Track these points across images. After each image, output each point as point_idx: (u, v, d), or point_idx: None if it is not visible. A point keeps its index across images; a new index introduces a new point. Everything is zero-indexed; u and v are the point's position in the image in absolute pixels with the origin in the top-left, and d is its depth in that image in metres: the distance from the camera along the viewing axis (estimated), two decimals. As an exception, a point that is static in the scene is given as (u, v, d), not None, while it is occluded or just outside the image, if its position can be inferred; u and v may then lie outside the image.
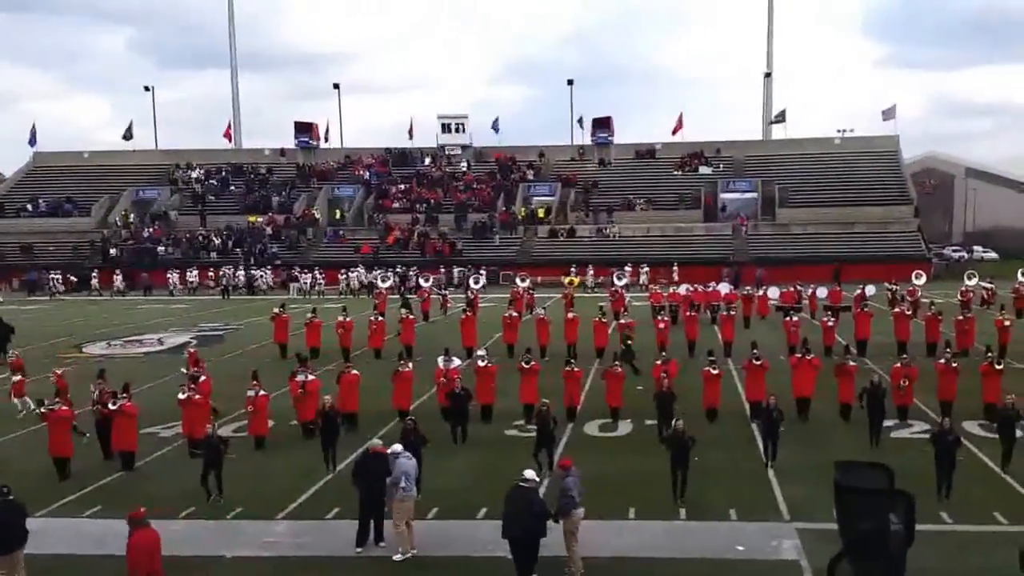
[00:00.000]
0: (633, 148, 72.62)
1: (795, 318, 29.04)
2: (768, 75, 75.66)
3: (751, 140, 73.87)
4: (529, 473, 12.07)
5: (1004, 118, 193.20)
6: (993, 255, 70.71)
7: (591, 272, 54.60)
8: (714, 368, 20.18)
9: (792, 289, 37.69)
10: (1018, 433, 16.05)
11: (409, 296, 42.49)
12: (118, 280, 57.53)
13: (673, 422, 15.52)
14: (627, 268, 50.42)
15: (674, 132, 71.71)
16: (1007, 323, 27.75)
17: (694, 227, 62.73)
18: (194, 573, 12.54)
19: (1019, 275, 40.10)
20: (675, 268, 51.51)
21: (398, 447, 13.57)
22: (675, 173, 68.89)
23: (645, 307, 37.28)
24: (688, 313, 31.44)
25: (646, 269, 53.42)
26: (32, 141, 76.90)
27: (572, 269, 53.94)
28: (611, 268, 50.38)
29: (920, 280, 40.12)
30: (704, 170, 68.29)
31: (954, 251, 72.11)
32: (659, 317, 30.90)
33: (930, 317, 28.30)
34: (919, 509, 10.03)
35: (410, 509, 13.11)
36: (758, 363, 20.21)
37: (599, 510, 13.70)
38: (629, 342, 26.06)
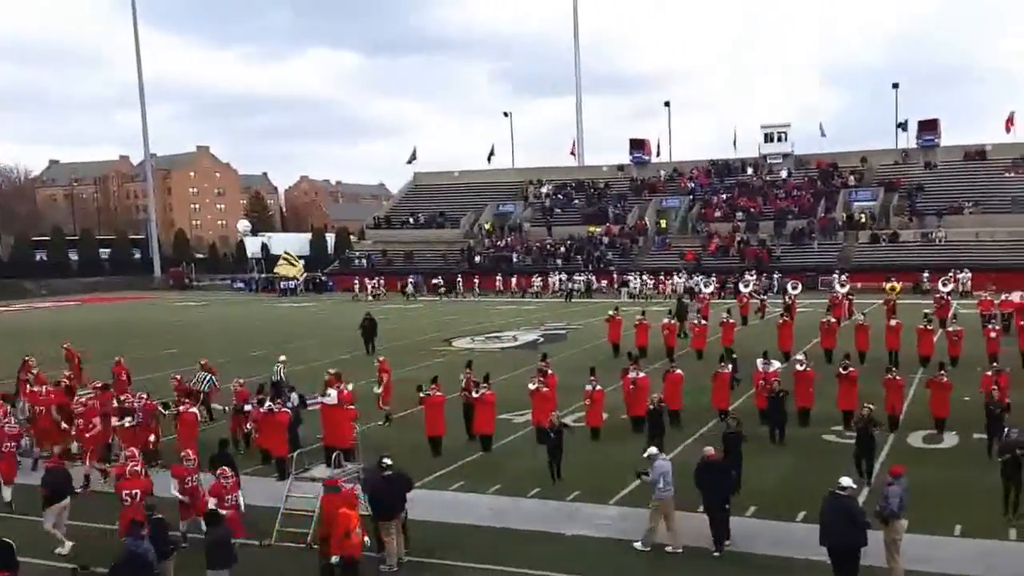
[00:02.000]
0: (962, 150, 64.68)
1: None
2: None
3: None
4: (846, 481, 11.24)
5: None
6: None
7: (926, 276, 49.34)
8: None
9: None
10: None
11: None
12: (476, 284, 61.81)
13: (1006, 432, 13.67)
14: (953, 274, 44.97)
15: (1007, 129, 62.65)
16: None
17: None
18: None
19: None
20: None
21: (653, 450, 13.39)
22: (1007, 175, 60.12)
23: (973, 315, 33.05)
24: (1022, 323, 27.34)
25: (968, 275, 47.27)
26: (411, 160, 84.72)
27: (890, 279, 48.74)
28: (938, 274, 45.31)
29: None
30: (1041, 171, 58.88)
31: None
32: (989, 326, 27.19)
33: None
34: None
35: (667, 507, 12.77)
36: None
37: (922, 523, 12.56)
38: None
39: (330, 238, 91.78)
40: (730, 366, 21.22)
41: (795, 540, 12.87)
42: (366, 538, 11.53)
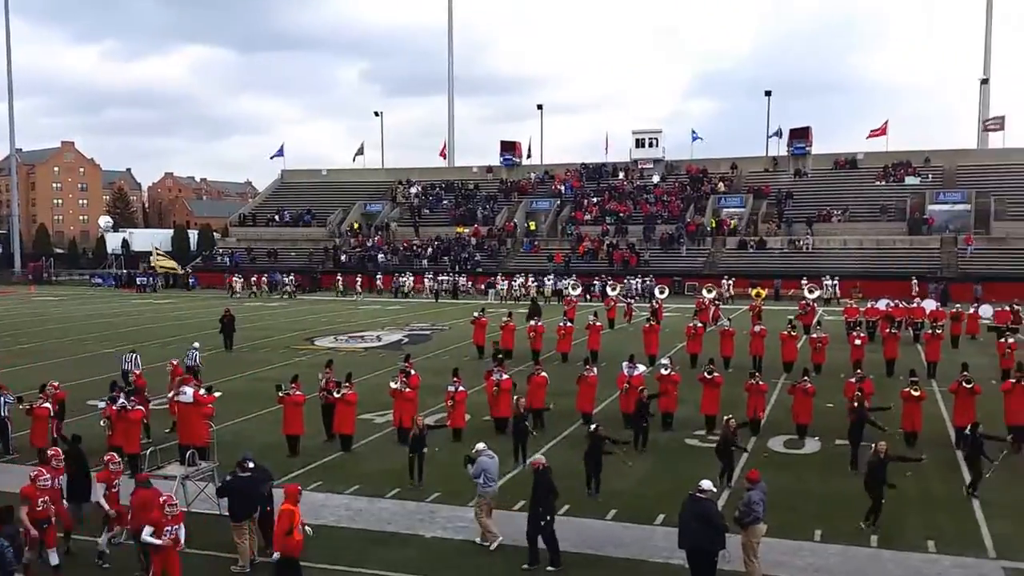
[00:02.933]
0: (832, 158, 68.64)
1: (1011, 340, 25.98)
2: (985, 81, 69.08)
3: (964, 149, 67.65)
4: (705, 484, 11.27)
5: None
6: None
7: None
8: (915, 389, 18.27)
9: (1008, 308, 33.85)
10: None
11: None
12: (339, 282, 61.19)
13: (873, 445, 14.11)
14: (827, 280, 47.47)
15: (877, 134, 66.87)
16: None
17: (896, 240, 58.20)
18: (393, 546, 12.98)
19: None
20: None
21: (481, 445, 13.52)
22: (878, 183, 64.28)
23: (839, 322, 34.86)
24: (888, 330, 28.92)
25: (834, 282, 50.08)
26: (277, 155, 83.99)
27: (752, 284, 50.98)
28: (800, 281, 47.75)
29: None
30: (910, 180, 63.26)
31: None
32: (854, 333, 28.62)
33: None
34: None
35: (484, 505, 13.02)
36: (968, 386, 18.11)
37: (781, 528, 12.79)
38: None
39: (193, 235, 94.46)
40: (595, 369, 21.26)
41: (654, 543, 12.94)
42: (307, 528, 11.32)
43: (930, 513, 14.23)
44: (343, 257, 68.16)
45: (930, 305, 35.28)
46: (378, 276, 62.70)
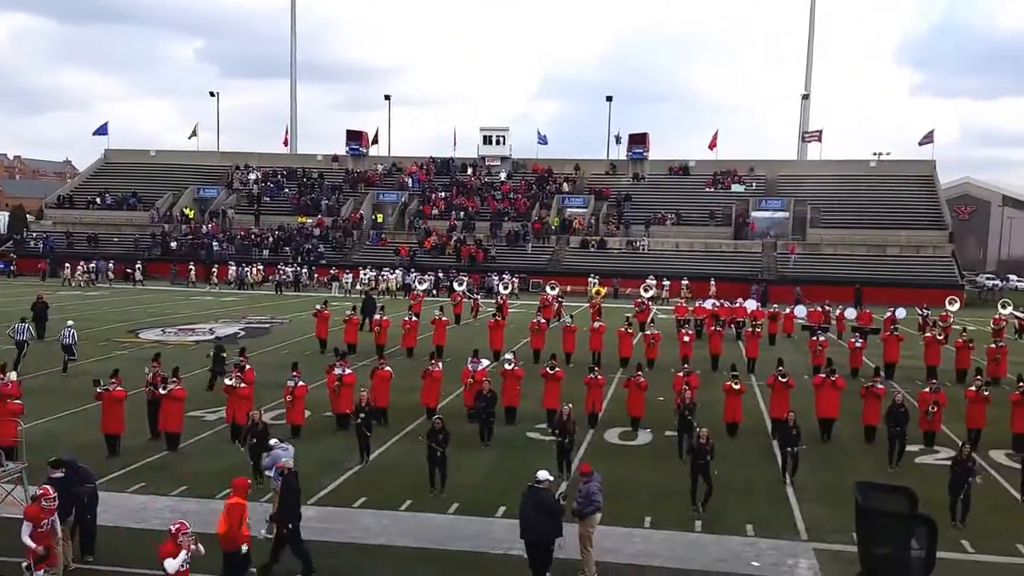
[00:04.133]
0: (667, 164, 71.90)
1: (822, 338, 28.21)
2: (806, 97, 74.38)
3: (784, 160, 72.59)
4: (542, 474, 11.66)
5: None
6: None
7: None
8: (736, 383, 19.55)
9: (820, 309, 36.72)
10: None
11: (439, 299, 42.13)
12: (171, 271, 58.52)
13: (696, 430, 15.03)
14: (652, 280, 49.60)
15: (711, 147, 70.83)
16: (1038, 353, 26.53)
17: (723, 243, 61.84)
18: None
19: None
20: (712, 283, 50.58)
21: (274, 440, 13.54)
22: (707, 190, 67.96)
23: (670, 320, 36.65)
24: (713, 328, 30.73)
25: (667, 283, 52.69)
26: (100, 132, 78.61)
27: (593, 280, 52.78)
28: (639, 280, 49.82)
29: (954, 306, 39.03)
30: (736, 188, 67.25)
31: (988, 279, 69.86)
32: (684, 330, 30.22)
33: (961, 344, 27.14)
34: (940, 536, 9.42)
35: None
36: (783, 380, 19.55)
37: (614, 516, 13.36)
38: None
39: (2, 216, 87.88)
40: (440, 364, 21.38)
41: (494, 535, 13.22)
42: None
43: (749, 499, 15.27)
44: (173, 244, 64.88)
45: (751, 305, 37.71)
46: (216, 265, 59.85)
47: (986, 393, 18.88)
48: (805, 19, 74.03)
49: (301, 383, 18.78)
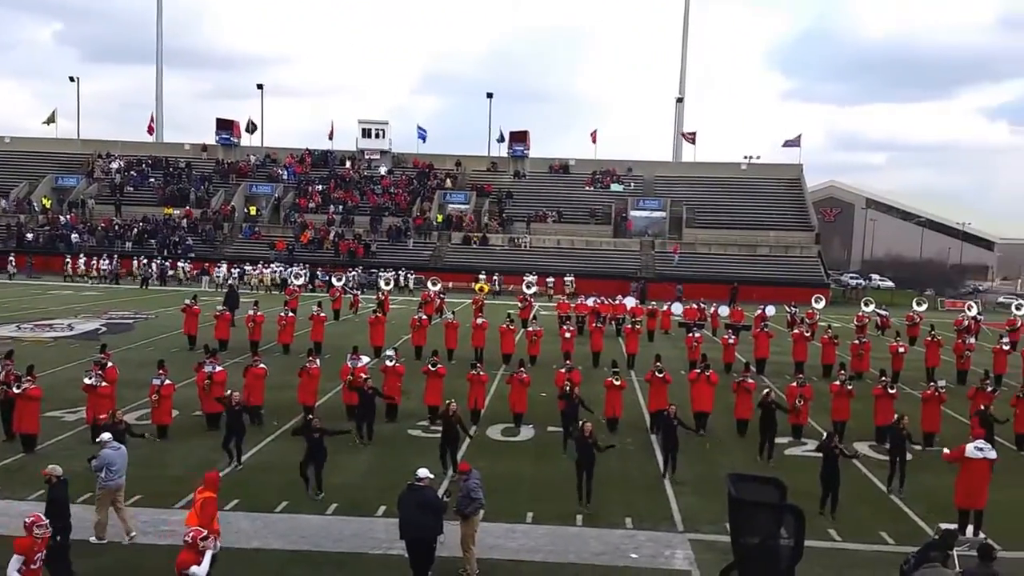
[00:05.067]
0: (547, 162, 72.90)
1: (697, 334, 29.21)
2: (680, 100, 76.89)
3: (661, 161, 74.89)
4: (422, 472, 11.58)
5: (896, 153, 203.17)
6: (889, 283, 72.90)
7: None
8: (617, 379, 19.98)
9: (695, 306, 38.06)
10: (908, 456, 16.22)
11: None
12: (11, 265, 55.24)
13: (580, 423, 15.26)
14: (532, 278, 50.21)
15: (592, 140, 72.06)
16: (901, 349, 28.17)
17: (603, 241, 63.23)
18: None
19: (913, 304, 41.36)
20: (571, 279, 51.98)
21: (105, 436, 13.13)
22: (587, 189, 69.34)
23: (552, 316, 37.17)
24: (594, 325, 31.35)
25: (551, 280, 53.55)
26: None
27: (480, 276, 53.16)
28: (521, 277, 50.39)
29: (820, 304, 41.27)
30: (615, 187, 68.95)
31: (852, 278, 74.08)
32: (565, 327, 30.71)
33: (827, 340, 28.63)
34: (808, 525, 9.90)
35: (111, 496, 12.70)
36: (661, 376, 20.13)
37: (496, 513, 13.43)
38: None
39: None
40: (318, 361, 20.92)
41: (374, 535, 13.07)
42: None
43: (629, 492, 15.63)
44: (29, 236, 61.19)
45: (630, 302, 38.78)
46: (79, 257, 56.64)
47: (850, 387, 20.02)
48: (680, 22, 76.67)
49: (168, 381, 18.12)
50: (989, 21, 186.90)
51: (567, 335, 28.93)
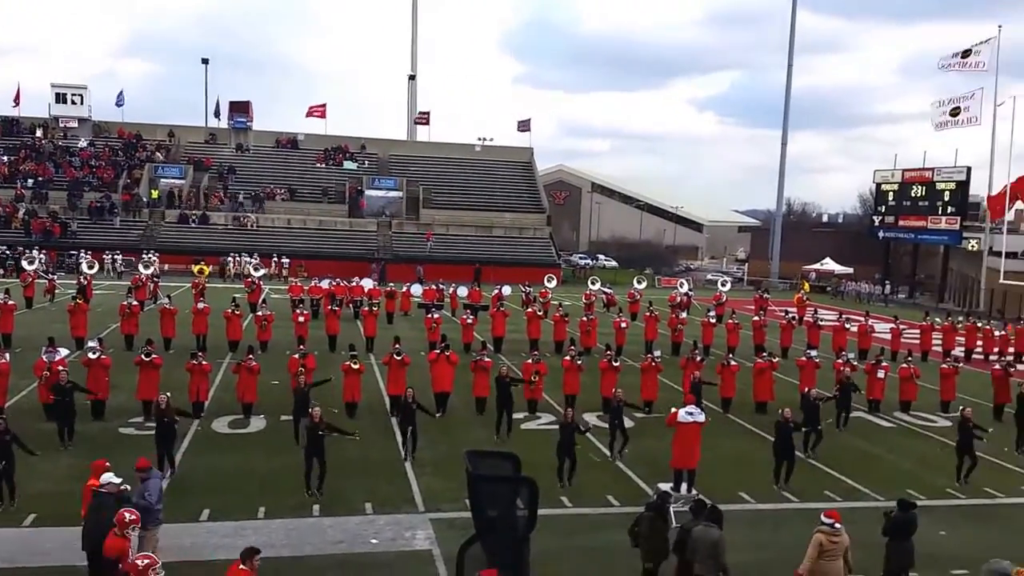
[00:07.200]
0: (274, 136, 70.62)
1: (436, 315, 29.78)
2: (412, 77, 77.51)
3: (396, 140, 75.16)
4: (106, 476, 10.83)
5: (618, 141, 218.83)
6: (613, 263, 78.87)
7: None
8: (355, 363, 19.88)
9: (434, 287, 38.75)
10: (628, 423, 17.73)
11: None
12: None
13: (310, 410, 15.06)
14: (254, 260, 48.65)
15: (318, 114, 69.96)
16: (624, 325, 30.45)
17: (338, 221, 62.44)
18: None
19: (634, 282, 45.94)
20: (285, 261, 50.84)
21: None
22: (319, 166, 68.07)
23: (284, 300, 36.22)
24: (330, 308, 30.90)
25: (287, 261, 52.20)
26: None
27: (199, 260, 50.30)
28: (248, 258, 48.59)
29: (552, 283, 44.03)
30: (348, 165, 68.27)
31: (581, 258, 79.31)
32: (298, 310, 29.99)
33: (558, 318, 30.39)
34: (543, 494, 10.51)
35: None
36: (399, 358, 20.31)
37: (224, 511, 13.06)
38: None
39: None
40: (8, 355, 18.91)
41: (75, 546, 11.95)
42: None
43: (368, 477, 15.68)
44: None
45: (368, 284, 38.75)
46: None
47: (579, 362, 21.45)
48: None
49: None
50: (699, 16, 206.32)
51: (300, 319, 28.26)
